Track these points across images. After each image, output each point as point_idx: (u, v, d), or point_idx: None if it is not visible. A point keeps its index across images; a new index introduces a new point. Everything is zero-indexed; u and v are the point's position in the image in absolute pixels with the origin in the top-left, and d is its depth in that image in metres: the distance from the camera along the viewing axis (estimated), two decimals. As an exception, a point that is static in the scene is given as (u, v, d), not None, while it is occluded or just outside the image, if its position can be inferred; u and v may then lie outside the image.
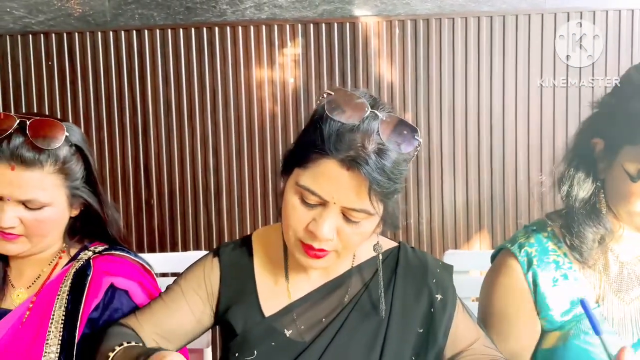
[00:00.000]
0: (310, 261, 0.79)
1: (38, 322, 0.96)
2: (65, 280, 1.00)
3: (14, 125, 0.91)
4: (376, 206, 0.75)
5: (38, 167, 0.91)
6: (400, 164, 0.76)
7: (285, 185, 0.80)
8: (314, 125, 0.77)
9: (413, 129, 0.77)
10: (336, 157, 0.73)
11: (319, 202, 0.76)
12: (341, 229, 0.77)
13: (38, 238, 0.96)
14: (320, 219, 0.75)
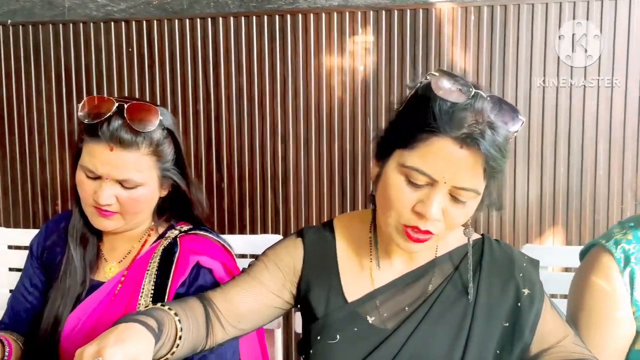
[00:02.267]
0: (410, 245, 0.79)
1: (129, 295, 1.02)
2: (154, 256, 1.05)
3: (113, 108, 0.96)
4: (483, 185, 0.76)
5: (135, 148, 0.96)
6: (508, 142, 0.76)
7: (383, 168, 0.80)
8: (418, 105, 0.77)
9: (515, 108, 0.77)
10: (450, 135, 0.73)
11: (427, 182, 0.75)
12: (447, 210, 0.77)
13: (131, 216, 1.01)
14: (428, 200, 0.75)
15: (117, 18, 1.93)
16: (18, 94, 2.00)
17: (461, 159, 0.73)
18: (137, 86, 1.93)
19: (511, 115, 0.76)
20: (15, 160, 2.02)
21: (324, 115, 1.87)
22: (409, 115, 0.79)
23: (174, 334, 0.78)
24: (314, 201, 1.89)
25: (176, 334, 0.78)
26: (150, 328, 0.72)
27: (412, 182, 0.76)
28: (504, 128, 0.75)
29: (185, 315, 0.81)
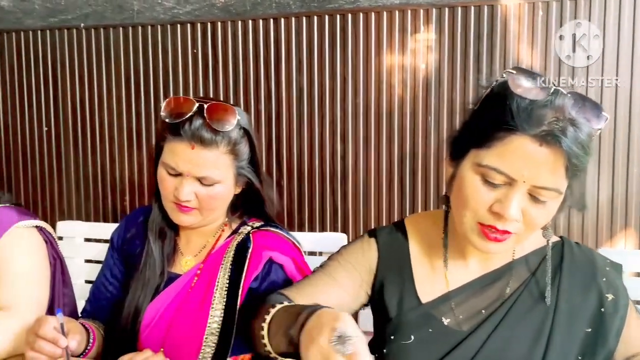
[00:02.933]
0: (489, 245, 0.78)
1: (205, 287, 1.06)
2: (228, 251, 1.08)
3: (193, 108, 1.00)
4: (565, 184, 0.74)
5: (214, 147, 1.00)
6: (591, 140, 0.74)
7: (458, 168, 0.80)
8: (494, 103, 0.76)
9: (598, 104, 0.75)
10: (528, 132, 0.71)
11: (505, 181, 0.74)
12: (527, 210, 0.75)
13: (208, 211, 1.05)
14: (506, 200, 0.74)
15: (182, 20, 1.99)
16: (90, 95, 2.10)
17: (541, 157, 0.72)
18: (201, 86, 1.99)
19: (594, 111, 0.74)
20: (88, 157, 2.12)
21: (384, 114, 1.87)
22: (485, 114, 0.78)
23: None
24: (373, 200, 1.90)
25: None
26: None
27: (489, 182, 0.75)
28: (587, 125, 0.73)
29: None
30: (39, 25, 2.13)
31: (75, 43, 2.09)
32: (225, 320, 1.02)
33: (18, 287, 1.00)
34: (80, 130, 2.12)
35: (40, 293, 1.04)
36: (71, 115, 2.13)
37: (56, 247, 1.13)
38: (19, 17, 2.15)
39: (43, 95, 2.14)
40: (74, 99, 2.12)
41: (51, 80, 2.13)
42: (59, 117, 2.14)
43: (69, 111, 2.13)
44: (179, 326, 1.03)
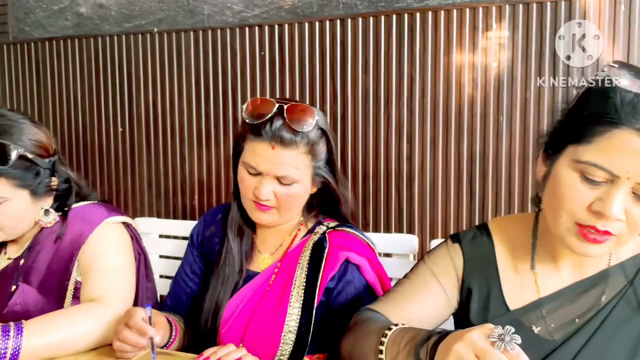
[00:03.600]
0: (587, 247, 0.74)
1: (282, 286, 1.07)
2: (304, 250, 1.09)
3: (274, 109, 1.01)
4: None
5: (294, 147, 1.01)
6: None
7: (553, 166, 0.77)
8: (595, 97, 0.72)
9: None
10: (634, 126, 0.68)
11: (607, 178, 0.70)
12: (630, 210, 0.71)
13: (286, 210, 1.07)
14: (608, 198, 0.70)
15: (251, 23, 2.03)
16: (162, 97, 2.18)
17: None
18: (267, 88, 2.03)
19: None
20: (159, 156, 2.21)
21: (452, 113, 1.83)
22: (584, 108, 0.74)
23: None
24: (440, 202, 1.86)
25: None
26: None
27: (589, 179, 0.71)
28: None
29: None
30: (115, 30, 2.23)
31: (149, 47, 2.18)
32: (303, 319, 1.03)
33: (109, 280, 1.05)
34: (153, 131, 2.21)
35: (128, 286, 1.09)
36: (144, 116, 2.22)
37: (141, 243, 1.18)
38: (97, 23, 2.27)
39: (119, 97, 2.25)
40: (147, 100, 2.21)
41: (126, 82, 2.23)
42: (133, 118, 2.24)
43: (142, 112, 2.22)
44: (257, 323, 1.05)
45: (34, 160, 1.04)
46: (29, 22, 2.37)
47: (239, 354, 0.92)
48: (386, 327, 0.77)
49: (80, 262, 1.09)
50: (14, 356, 0.87)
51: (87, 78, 2.29)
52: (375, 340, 0.76)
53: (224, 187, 2.13)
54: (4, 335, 0.88)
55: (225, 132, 2.10)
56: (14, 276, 1.11)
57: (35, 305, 1.09)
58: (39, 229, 1.13)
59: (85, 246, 1.09)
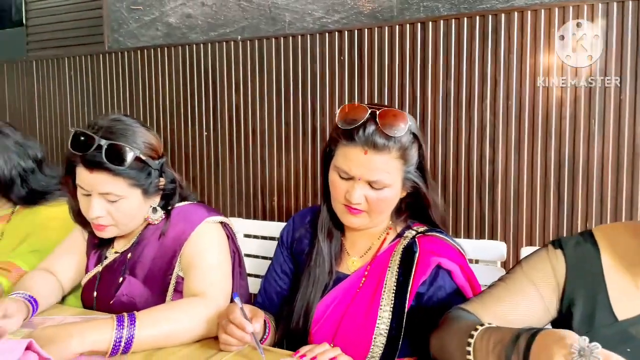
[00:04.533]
0: None
1: (373, 289, 1.08)
2: (394, 254, 1.10)
3: (366, 115, 1.03)
4: None
5: (386, 152, 1.02)
6: None
7: None
8: None
9: None
10: None
11: None
12: None
13: (376, 214, 1.08)
14: None
15: (331, 29, 2.07)
16: (245, 102, 2.27)
17: None
18: (347, 92, 2.05)
19: None
20: (241, 160, 2.30)
21: (539, 116, 1.76)
22: None
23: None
24: (525, 208, 1.80)
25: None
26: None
27: None
28: None
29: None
30: (202, 39, 2.35)
31: (233, 54, 2.27)
32: (394, 323, 1.04)
33: (210, 276, 1.11)
34: (235, 136, 2.30)
35: (227, 282, 1.14)
36: (227, 121, 2.31)
37: (236, 242, 1.24)
38: (185, 32, 2.39)
39: (204, 102, 2.36)
40: (230, 105, 2.30)
41: (211, 88, 2.34)
42: (217, 123, 2.34)
43: (226, 117, 2.32)
44: (348, 325, 1.07)
45: (146, 161, 1.12)
46: (123, 33, 2.55)
47: (333, 354, 0.94)
48: (474, 326, 0.77)
49: (182, 259, 1.16)
50: (128, 344, 0.95)
51: (175, 84, 2.42)
52: (463, 339, 0.77)
53: (302, 189, 2.18)
54: (119, 325, 0.95)
55: (304, 137, 2.15)
56: (122, 269, 1.20)
57: (140, 297, 1.17)
58: (145, 226, 1.21)
59: (187, 244, 1.16)
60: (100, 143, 1.07)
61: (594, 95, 1.69)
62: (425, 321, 1.04)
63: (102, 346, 0.93)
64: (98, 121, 1.12)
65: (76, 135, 1.08)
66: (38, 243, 1.37)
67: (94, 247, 1.26)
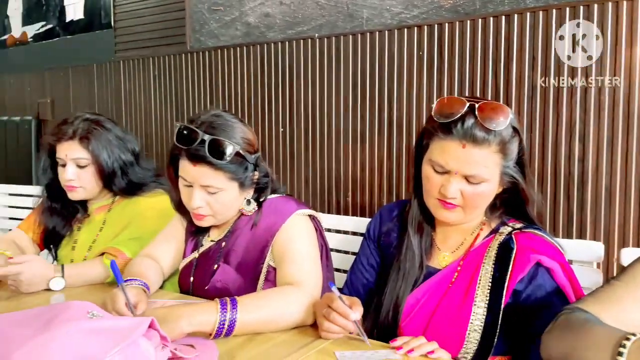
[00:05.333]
0: None
1: (466, 284, 1.07)
2: (489, 250, 1.08)
3: (465, 107, 1.02)
4: None
5: (486, 145, 1.00)
6: None
7: None
8: None
9: None
10: None
11: None
12: None
13: (471, 209, 1.06)
14: None
15: (410, 24, 2.05)
16: (321, 98, 2.30)
17: None
18: (425, 88, 2.03)
19: None
20: (316, 156, 2.33)
21: (635, 110, 1.67)
22: None
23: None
24: (618, 208, 1.71)
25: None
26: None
27: None
28: None
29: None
30: (279, 37, 2.40)
31: (310, 51, 2.31)
32: (488, 319, 1.02)
33: (302, 266, 1.14)
34: (311, 132, 2.33)
35: (319, 272, 1.17)
36: (303, 117, 2.35)
37: (323, 235, 1.26)
38: (263, 31, 2.45)
39: (280, 99, 2.42)
40: (306, 102, 2.34)
41: (288, 85, 2.39)
42: (293, 119, 2.38)
43: (302, 114, 2.36)
44: (440, 320, 1.06)
45: (244, 156, 1.17)
46: (204, 33, 2.65)
47: (430, 347, 0.94)
48: (621, 335, 0.72)
49: (273, 249, 1.20)
50: (231, 327, 0.99)
51: (252, 82, 2.49)
52: (607, 348, 0.71)
53: (377, 186, 2.18)
54: (222, 308, 1.00)
55: (380, 133, 2.15)
56: (216, 257, 1.26)
57: (233, 284, 1.22)
58: (238, 216, 1.26)
59: (279, 235, 1.19)
60: (203, 138, 1.12)
61: (699, 88, 1.58)
62: (523, 320, 1.01)
63: (207, 327, 0.98)
64: (200, 116, 1.18)
65: (181, 130, 1.14)
66: (137, 231, 1.46)
67: (191, 234, 1.32)
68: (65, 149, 1.45)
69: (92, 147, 1.44)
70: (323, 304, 1.00)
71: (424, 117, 2.02)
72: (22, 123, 3.35)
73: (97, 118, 1.50)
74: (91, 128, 1.46)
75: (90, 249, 1.51)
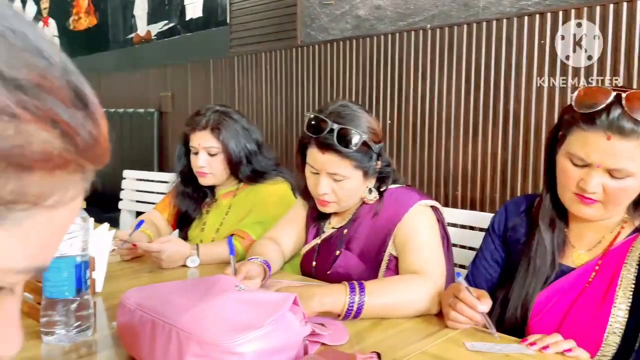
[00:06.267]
0: None
1: (605, 285, 1.01)
2: (632, 249, 1.02)
3: (610, 97, 0.96)
4: None
5: (633, 137, 0.94)
6: None
7: None
8: None
9: None
10: None
11: None
12: None
13: (612, 206, 1.00)
14: None
15: (530, 12, 1.96)
16: (431, 90, 2.27)
17: None
18: (546, 76, 1.93)
19: None
20: (424, 148, 2.31)
21: None
22: None
23: None
24: None
25: None
26: None
27: None
28: None
29: None
30: (390, 29, 2.40)
31: (421, 43, 2.29)
32: (631, 322, 0.97)
33: (426, 255, 1.15)
34: (419, 124, 2.32)
35: (442, 262, 1.17)
36: (412, 109, 2.34)
37: (445, 227, 1.26)
38: (373, 24, 2.47)
39: (389, 92, 2.42)
40: (415, 95, 2.32)
41: (397, 78, 2.38)
42: (401, 112, 2.38)
43: (410, 106, 2.34)
44: (574, 321, 1.02)
45: (370, 145, 1.20)
46: (315, 27, 2.72)
47: (568, 345, 0.91)
48: None
49: (395, 238, 1.22)
50: (359, 310, 1.03)
51: (361, 75, 2.52)
52: None
53: (489, 180, 2.11)
54: (351, 292, 1.03)
55: (494, 124, 2.08)
56: (338, 243, 1.30)
57: (355, 270, 1.26)
58: (360, 205, 1.29)
59: (401, 224, 1.21)
60: (332, 127, 1.16)
61: None
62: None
63: (337, 308, 1.02)
64: (328, 106, 1.22)
65: (311, 119, 1.20)
66: (261, 216, 1.55)
67: (313, 221, 1.38)
68: (198, 138, 1.57)
69: (222, 137, 1.55)
70: (449, 294, 1.00)
71: (544, 110, 1.93)
72: (146, 115, 3.67)
73: (226, 110, 1.61)
74: (221, 119, 1.57)
75: (218, 231, 1.63)
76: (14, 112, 0.27)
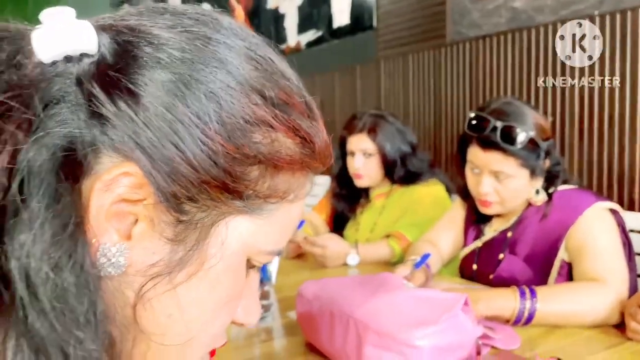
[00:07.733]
0: None
1: None
2: None
3: None
4: None
5: None
6: None
7: None
8: None
9: None
10: None
11: None
12: None
13: None
14: None
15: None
16: (601, 84, 2.06)
17: None
18: None
19: None
20: (593, 147, 2.10)
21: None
22: None
23: None
24: None
25: None
26: None
27: None
28: None
29: None
30: (549, 19, 2.24)
31: (587, 32, 2.09)
32: None
33: (606, 262, 1.06)
34: (587, 120, 2.12)
35: (625, 269, 1.07)
36: (578, 105, 2.15)
37: (626, 232, 1.15)
38: (531, 15, 2.32)
39: (550, 87, 2.26)
40: (582, 88, 2.13)
41: (559, 71, 2.21)
42: (565, 107, 2.20)
43: (576, 101, 2.16)
44: None
45: (537, 142, 1.14)
46: (465, 24, 2.65)
47: None
48: None
49: (568, 243, 1.14)
50: (530, 316, 0.98)
51: (517, 70, 2.39)
52: None
53: (675, 180, 1.86)
54: (522, 297, 1.00)
55: (680, 118, 1.83)
56: (501, 247, 1.26)
57: (521, 275, 1.21)
58: (526, 207, 1.24)
59: (574, 228, 1.13)
60: (495, 125, 1.13)
61: None
62: None
63: (506, 313, 0.99)
64: (491, 104, 1.19)
65: (472, 118, 1.18)
66: (415, 217, 1.56)
67: (472, 223, 1.35)
68: (355, 141, 1.64)
69: (378, 139, 1.60)
70: (632, 304, 0.92)
71: None
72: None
73: (381, 113, 1.66)
74: (377, 122, 1.62)
75: (372, 231, 1.68)
76: (272, 124, 0.34)
